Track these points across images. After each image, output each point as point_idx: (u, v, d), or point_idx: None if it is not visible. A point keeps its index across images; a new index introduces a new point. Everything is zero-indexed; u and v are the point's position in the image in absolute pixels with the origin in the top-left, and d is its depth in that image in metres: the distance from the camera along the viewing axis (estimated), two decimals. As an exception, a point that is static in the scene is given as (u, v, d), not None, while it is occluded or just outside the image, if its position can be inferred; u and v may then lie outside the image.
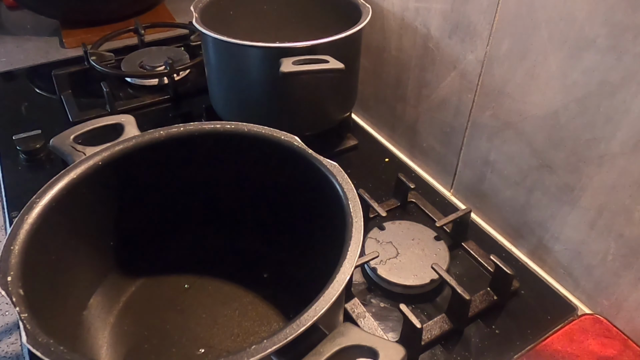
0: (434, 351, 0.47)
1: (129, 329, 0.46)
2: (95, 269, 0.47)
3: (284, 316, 0.47)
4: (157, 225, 0.51)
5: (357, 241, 0.35)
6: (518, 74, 0.52)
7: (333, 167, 0.42)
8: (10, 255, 0.35)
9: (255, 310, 0.47)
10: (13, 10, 1.13)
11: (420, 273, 0.51)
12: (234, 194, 0.51)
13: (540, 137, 0.52)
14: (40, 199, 0.38)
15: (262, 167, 0.48)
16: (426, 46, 0.63)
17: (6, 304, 1.31)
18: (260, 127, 0.46)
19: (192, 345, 0.45)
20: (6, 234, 0.37)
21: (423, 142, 0.70)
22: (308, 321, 0.30)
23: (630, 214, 0.46)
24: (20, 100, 0.81)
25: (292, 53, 0.55)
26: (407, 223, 0.57)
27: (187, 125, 0.46)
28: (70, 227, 0.42)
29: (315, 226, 0.47)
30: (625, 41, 0.42)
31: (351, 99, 0.70)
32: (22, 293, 0.33)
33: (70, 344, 0.41)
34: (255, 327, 0.46)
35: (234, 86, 0.65)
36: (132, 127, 0.47)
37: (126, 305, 0.47)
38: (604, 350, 0.46)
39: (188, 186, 0.50)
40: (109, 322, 0.45)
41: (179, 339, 0.45)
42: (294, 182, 0.46)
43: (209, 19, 0.63)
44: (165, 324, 0.46)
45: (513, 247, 0.60)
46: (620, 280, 0.49)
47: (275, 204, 0.50)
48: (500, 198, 0.60)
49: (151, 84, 0.85)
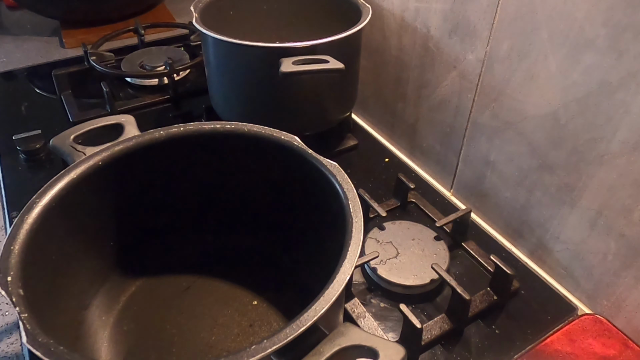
0: (434, 351, 0.47)
1: (129, 329, 0.46)
2: (95, 269, 0.47)
3: (284, 316, 0.47)
4: (157, 225, 0.51)
5: (357, 241, 0.35)
6: (518, 74, 0.52)
7: (333, 167, 0.42)
8: (10, 255, 0.35)
9: (255, 311, 0.47)
10: (13, 10, 1.13)
11: (420, 273, 0.51)
12: (234, 194, 0.51)
13: (540, 137, 0.52)
14: (40, 199, 0.38)
15: (262, 167, 0.48)
16: (426, 46, 0.63)
17: (6, 304, 1.31)
18: (260, 127, 0.46)
19: (192, 345, 0.45)
20: (6, 234, 0.37)
21: (423, 142, 0.70)
22: (308, 321, 0.30)
23: (630, 214, 0.46)
24: (20, 100, 0.81)
25: (292, 53, 0.55)
26: (407, 223, 0.57)
27: (187, 125, 0.46)
28: (70, 227, 0.42)
29: (316, 226, 0.47)
30: (625, 41, 0.42)
31: (351, 99, 0.70)
32: (22, 293, 0.33)
33: (70, 344, 0.41)
34: (255, 327, 0.46)
35: (234, 86, 0.65)
36: (132, 127, 0.47)
37: (126, 305, 0.47)
38: (604, 350, 0.46)
39: (188, 186, 0.50)
40: (109, 322, 0.45)
41: (179, 339, 0.45)
42: (294, 182, 0.46)
43: (209, 19, 0.63)
44: (165, 324, 0.46)
45: (513, 247, 0.60)
46: (620, 280, 0.49)
47: (275, 204, 0.50)
48: (500, 198, 0.60)
49: (151, 84, 0.85)
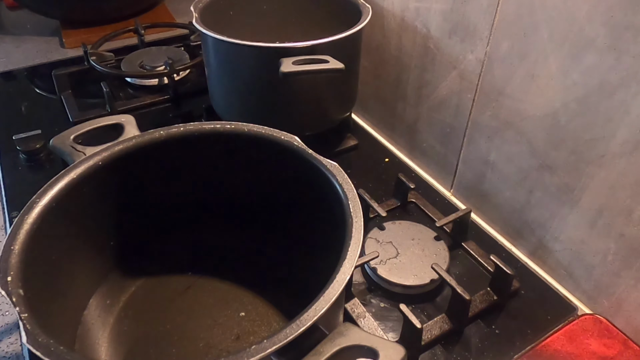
0: (434, 351, 0.47)
1: (129, 329, 0.46)
2: (95, 268, 0.47)
3: (284, 316, 0.47)
4: (157, 225, 0.51)
5: (357, 241, 0.35)
6: (518, 74, 0.52)
7: (333, 167, 0.42)
8: (10, 255, 0.35)
9: (255, 310, 0.47)
10: (13, 10, 1.13)
11: (420, 273, 0.51)
12: (234, 194, 0.51)
13: (540, 137, 0.52)
14: (40, 199, 0.39)
15: (262, 167, 0.48)
16: (426, 46, 0.63)
17: (6, 304, 1.30)
18: (260, 127, 0.46)
19: (192, 345, 0.45)
20: (6, 234, 0.37)
21: (423, 142, 0.70)
22: (308, 321, 0.30)
23: (630, 214, 0.46)
24: (20, 100, 0.81)
25: (292, 53, 0.55)
26: (407, 223, 0.57)
27: (187, 125, 0.46)
28: (71, 227, 0.42)
29: (315, 226, 0.47)
30: (625, 41, 0.42)
31: (351, 99, 0.70)
32: (22, 293, 0.33)
33: (70, 344, 0.41)
34: (255, 327, 0.46)
35: (234, 86, 0.65)
36: (132, 127, 0.47)
37: (126, 305, 0.47)
38: (604, 350, 0.46)
39: (188, 186, 0.50)
40: (109, 322, 0.45)
41: (179, 339, 0.45)
42: (294, 182, 0.46)
43: (209, 19, 0.63)
44: (165, 324, 0.46)
45: (513, 247, 0.60)
46: (620, 280, 0.49)
47: (275, 204, 0.50)
48: (500, 198, 0.60)
49: (151, 84, 0.85)
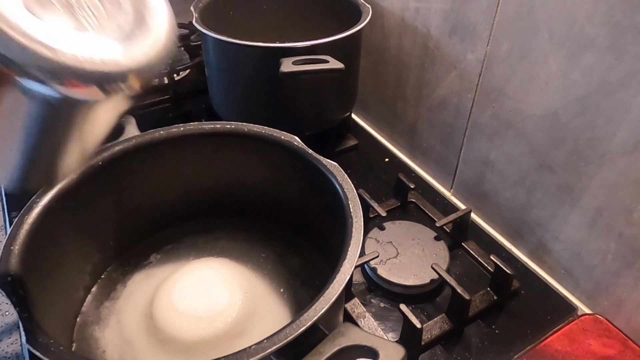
0: (434, 351, 0.47)
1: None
2: (95, 268, 0.47)
3: (284, 316, 0.47)
4: (157, 224, 0.51)
5: (357, 241, 0.35)
6: (518, 74, 0.52)
7: (333, 167, 0.42)
8: (10, 255, 0.35)
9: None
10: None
11: (420, 273, 0.51)
12: (234, 193, 0.51)
13: (540, 137, 0.52)
14: (40, 199, 0.39)
15: (262, 167, 0.48)
16: (426, 46, 0.63)
17: (6, 304, 1.31)
18: (260, 127, 0.46)
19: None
20: (6, 234, 0.37)
21: (423, 142, 0.70)
22: (308, 321, 0.30)
23: (630, 213, 0.46)
24: (20, 100, 0.81)
25: (292, 53, 0.55)
26: (407, 223, 0.57)
27: (187, 125, 0.46)
28: (70, 227, 0.42)
29: (315, 226, 0.47)
30: (625, 41, 0.42)
31: (351, 99, 0.70)
32: (22, 293, 0.33)
33: (70, 344, 0.41)
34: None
35: (234, 86, 0.65)
36: (132, 127, 0.47)
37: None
38: (604, 350, 0.46)
39: (188, 186, 0.50)
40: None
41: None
42: (294, 182, 0.46)
43: (209, 19, 0.63)
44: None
45: (513, 247, 0.60)
46: (620, 280, 0.49)
47: (275, 203, 0.50)
48: (500, 198, 0.60)
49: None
